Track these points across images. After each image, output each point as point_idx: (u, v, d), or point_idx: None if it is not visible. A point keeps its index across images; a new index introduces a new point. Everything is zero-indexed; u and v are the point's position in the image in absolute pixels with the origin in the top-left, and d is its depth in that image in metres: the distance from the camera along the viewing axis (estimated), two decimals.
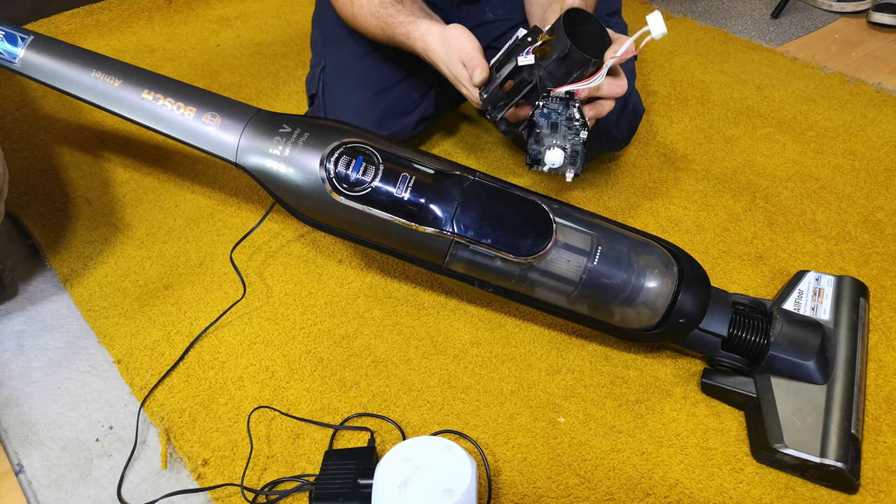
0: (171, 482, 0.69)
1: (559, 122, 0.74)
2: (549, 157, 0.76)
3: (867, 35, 1.47)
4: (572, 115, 0.74)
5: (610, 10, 1.04)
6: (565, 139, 0.75)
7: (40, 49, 0.83)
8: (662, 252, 0.74)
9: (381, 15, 0.88)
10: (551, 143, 0.76)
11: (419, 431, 0.73)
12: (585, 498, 0.68)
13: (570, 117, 0.74)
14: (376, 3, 0.89)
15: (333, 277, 0.90)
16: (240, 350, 0.81)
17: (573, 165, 0.76)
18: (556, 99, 0.73)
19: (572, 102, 0.73)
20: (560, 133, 0.75)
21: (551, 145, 0.76)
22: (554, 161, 0.76)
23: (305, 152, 0.74)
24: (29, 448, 0.72)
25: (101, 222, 0.98)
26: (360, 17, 0.92)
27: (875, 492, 0.68)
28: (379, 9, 0.89)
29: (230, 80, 1.30)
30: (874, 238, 0.95)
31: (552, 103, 0.74)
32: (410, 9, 0.88)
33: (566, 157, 0.76)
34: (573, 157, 0.76)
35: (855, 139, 1.14)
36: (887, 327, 0.83)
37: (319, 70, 1.03)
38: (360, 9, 0.91)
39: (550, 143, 0.76)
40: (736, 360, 0.75)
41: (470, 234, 0.70)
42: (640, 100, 1.04)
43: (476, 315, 0.85)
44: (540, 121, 0.74)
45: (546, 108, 0.74)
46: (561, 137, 0.75)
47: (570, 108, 0.74)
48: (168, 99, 0.79)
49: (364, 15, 0.91)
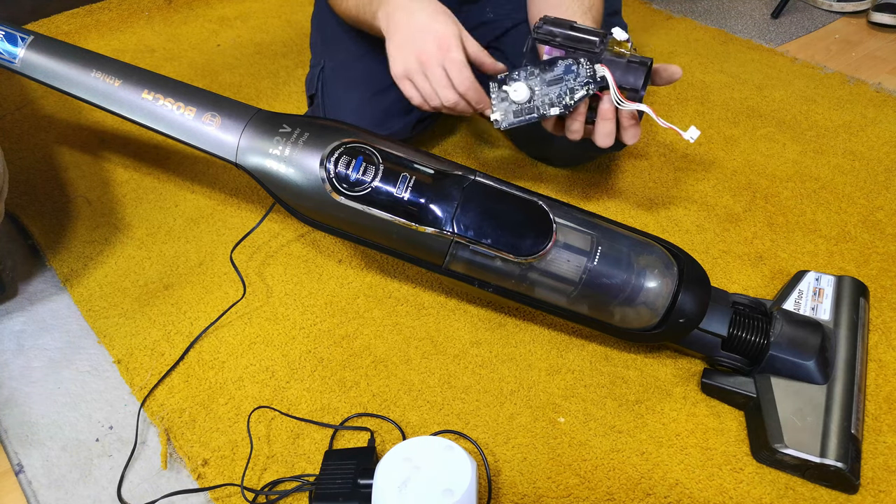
0: (171, 482, 0.69)
1: (564, 80, 0.72)
2: (514, 89, 0.73)
3: (867, 35, 1.47)
4: (583, 75, 0.71)
5: (610, 11, 1.04)
6: (558, 94, 0.73)
7: (40, 49, 0.83)
8: (662, 252, 0.74)
9: None
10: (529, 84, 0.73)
11: (419, 431, 0.73)
12: (585, 498, 0.68)
13: (579, 76, 0.71)
14: None
15: (333, 277, 0.90)
16: (240, 350, 0.81)
17: (553, 106, 0.73)
18: (585, 65, 0.70)
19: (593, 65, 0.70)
20: (554, 88, 0.72)
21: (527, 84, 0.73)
22: (519, 94, 0.73)
23: (305, 152, 0.74)
24: (29, 448, 0.72)
25: (101, 222, 0.98)
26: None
27: (875, 492, 0.68)
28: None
29: (230, 80, 1.30)
30: (874, 238, 0.95)
31: (576, 66, 0.71)
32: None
33: (540, 100, 0.73)
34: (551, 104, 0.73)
35: (855, 139, 1.14)
36: (887, 327, 0.83)
37: (318, 70, 1.03)
38: None
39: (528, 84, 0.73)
40: (736, 360, 0.75)
41: (470, 234, 0.70)
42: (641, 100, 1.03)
43: (476, 315, 0.85)
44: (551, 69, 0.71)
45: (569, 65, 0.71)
46: (553, 90, 0.73)
47: (581, 68, 0.71)
48: (168, 99, 0.79)
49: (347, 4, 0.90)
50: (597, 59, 0.71)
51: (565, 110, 0.74)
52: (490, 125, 1.16)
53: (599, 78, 0.71)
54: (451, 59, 0.77)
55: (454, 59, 0.77)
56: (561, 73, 0.72)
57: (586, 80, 0.72)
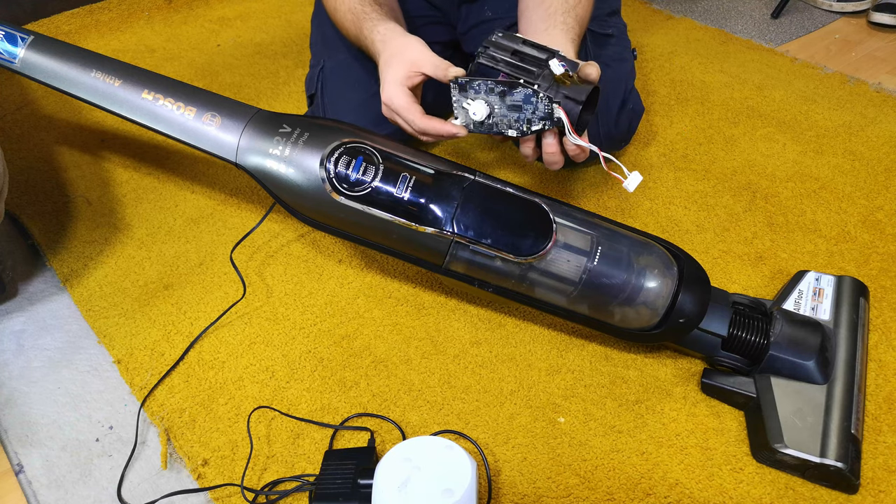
0: (171, 482, 0.69)
1: (522, 105, 0.73)
2: (474, 108, 0.74)
3: (867, 35, 1.47)
4: (538, 107, 0.72)
5: (609, 10, 1.05)
6: (516, 120, 0.74)
7: (40, 49, 0.83)
8: (662, 252, 0.74)
9: (357, 13, 0.89)
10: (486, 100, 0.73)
11: (419, 431, 0.73)
12: (585, 498, 0.68)
13: (535, 107, 0.72)
14: (357, 1, 0.90)
15: (333, 277, 0.90)
16: (240, 350, 0.81)
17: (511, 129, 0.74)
18: (539, 93, 0.71)
19: (550, 98, 0.71)
20: (513, 112, 0.73)
21: (483, 100, 0.73)
22: (478, 114, 0.74)
23: (305, 152, 0.74)
24: (29, 448, 0.72)
25: (101, 222, 0.98)
26: (339, 12, 0.92)
27: (875, 492, 0.68)
28: (357, 6, 0.89)
29: (230, 80, 1.30)
30: (874, 238, 0.95)
31: (529, 94, 0.71)
32: (383, 12, 0.88)
33: (499, 119, 0.74)
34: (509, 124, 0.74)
35: (855, 139, 1.14)
36: (887, 327, 0.83)
37: (318, 70, 1.03)
38: (342, 3, 0.91)
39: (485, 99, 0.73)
40: (736, 360, 0.75)
41: (470, 234, 0.70)
42: (640, 99, 1.04)
43: (476, 315, 0.85)
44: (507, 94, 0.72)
45: (522, 90, 0.72)
46: (511, 114, 0.74)
47: (539, 102, 0.71)
48: (168, 99, 0.79)
49: (343, 11, 0.91)
50: (543, 91, 0.71)
51: (521, 134, 0.75)
52: None
53: (556, 119, 0.72)
54: (396, 108, 0.80)
55: (398, 109, 0.80)
56: (520, 101, 0.73)
57: (543, 116, 0.73)
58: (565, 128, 0.72)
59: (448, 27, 1.07)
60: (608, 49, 1.02)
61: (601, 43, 1.00)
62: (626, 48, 1.04)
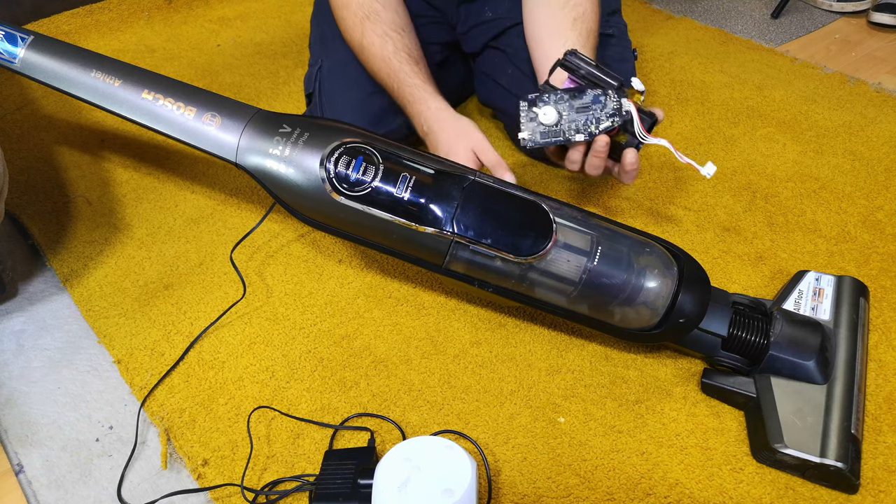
0: (171, 482, 0.69)
1: (589, 107, 0.75)
2: (543, 112, 0.75)
3: (867, 35, 1.47)
4: (608, 106, 0.74)
5: (610, 10, 1.04)
6: (584, 121, 0.75)
7: (40, 49, 0.83)
8: (662, 252, 0.74)
9: (393, 66, 0.89)
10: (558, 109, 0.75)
11: (419, 431, 0.73)
12: (585, 498, 0.68)
13: (605, 107, 0.74)
14: (390, 49, 0.90)
15: (333, 277, 0.90)
16: (240, 350, 0.81)
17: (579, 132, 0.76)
18: (613, 97, 0.74)
19: (620, 98, 0.73)
20: (582, 114, 0.75)
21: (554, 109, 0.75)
22: (548, 118, 0.75)
23: (305, 152, 0.74)
24: (29, 448, 0.72)
25: (101, 222, 0.98)
26: (366, 51, 0.92)
27: (875, 492, 0.68)
28: (392, 57, 0.89)
29: (230, 80, 1.30)
30: (874, 238, 0.95)
31: (605, 99, 0.74)
32: (424, 76, 0.89)
33: (568, 125, 0.75)
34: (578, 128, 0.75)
35: (855, 139, 1.14)
36: (887, 327, 0.83)
37: (316, 69, 1.03)
38: (371, 45, 0.91)
39: (556, 108, 0.75)
40: (736, 360, 0.75)
41: (470, 234, 0.70)
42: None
43: (476, 315, 0.85)
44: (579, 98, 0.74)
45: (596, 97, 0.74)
46: (580, 117, 0.75)
47: (609, 100, 0.73)
48: (168, 99, 0.79)
49: (373, 53, 0.91)
50: (622, 95, 0.74)
51: (589, 137, 0.76)
52: (489, 125, 1.17)
53: (625, 112, 0.74)
54: (487, 160, 0.83)
55: (490, 161, 0.83)
56: (589, 101, 0.75)
57: (612, 112, 0.74)
58: (634, 122, 0.73)
59: (447, 27, 1.07)
60: (609, 49, 1.02)
61: (602, 43, 1.00)
62: (626, 48, 1.04)
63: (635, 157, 0.77)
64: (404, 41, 0.91)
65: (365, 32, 0.91)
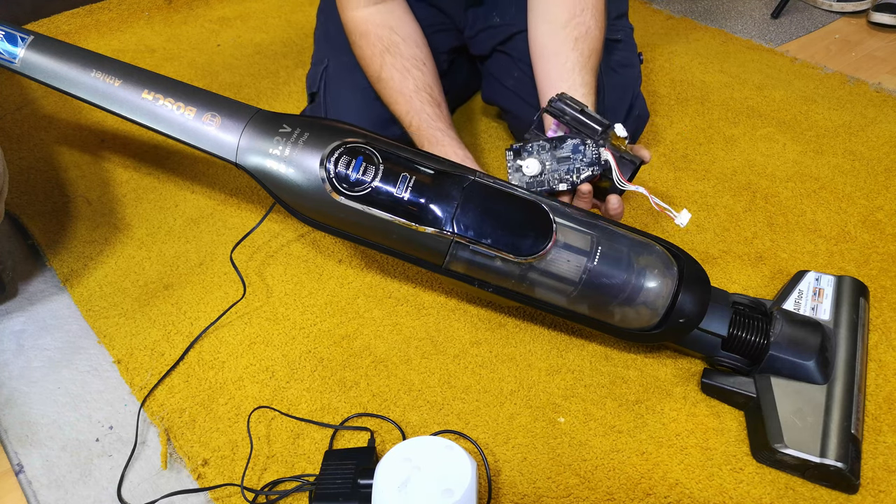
0: (171, 482, 0.69)
1: (570, 156, 0.77)
2: (527, 164, 0.77)
3: (867, 35, 1.47)
4: (587, 154, 0.76)
5: (617, 14, 1.04)
6: (566, 171, 0.77)
7: (40, 49, 0.83)
8: (662, 252, 0.74)
9: (415, 105, 0.88)
10: (541, 159, 0.78)
11: (419, 431, 0.73)
12: (585, 498, 0.68)
13: (584, 155, 0.76)
14: (411, 87, 0.89)
15: (333, 277, 0.90)
16: (240, 350, 0.81)
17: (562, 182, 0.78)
18: (592, 146, 0.76)
19: (599, 146, 0.75)
20: (563, 164, 0.77)
21: (538, 158, 0.78)
22: (531, 170, 0.77)
23: (305, 152, 0.73)
24: (29, 448, 0.72)
25: (101, 222, 0.98)
26: (386, 84, 0.90)
27: (875, 492, 0.68)
28: (413, 96, 0.88)
29: (230, 80, 1.30)
30: (874, 238, 0.95)
31: (584, 146, 0.76)
32: (446, 121, 0.88)
33: (551, 174, 0.78)
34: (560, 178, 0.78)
35: (855, 139, 1.14)
36: (887, 327, 0.83)
37: (322, 69, 1.02)
38: (390, 79, 0.89)
39: (540, 158, 0.78)
40: (736, 360, 0.75)
41: (470, 234, 0.70)
42: (645, 105, 1.03)
43: (476, 315, 0.85)
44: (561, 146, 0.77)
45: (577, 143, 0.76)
46: (561, 167, 0.77)
47: (587, 149, 0.76)
48: (168, 99, 0.79)
49: (393, 88, 0.89)
50: (602, 144, 0.76)
51: (572, 187, 0.78)
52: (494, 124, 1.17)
53: (603, 161, 0.76)
54: None
55: None
56: (569, 152, 0.77)
57: (591, 162, 0.76)
58: (612, 171, 0.75)
59: (455, 33, 1.07)
60: (616, 54, 1.01)
61: (609, 48, 0.99)
62: (633, 52, 1.04)
63: (618, 202, 0.78)
64: (426, 79, 0.90)
65: (384, 66, 0.90)
